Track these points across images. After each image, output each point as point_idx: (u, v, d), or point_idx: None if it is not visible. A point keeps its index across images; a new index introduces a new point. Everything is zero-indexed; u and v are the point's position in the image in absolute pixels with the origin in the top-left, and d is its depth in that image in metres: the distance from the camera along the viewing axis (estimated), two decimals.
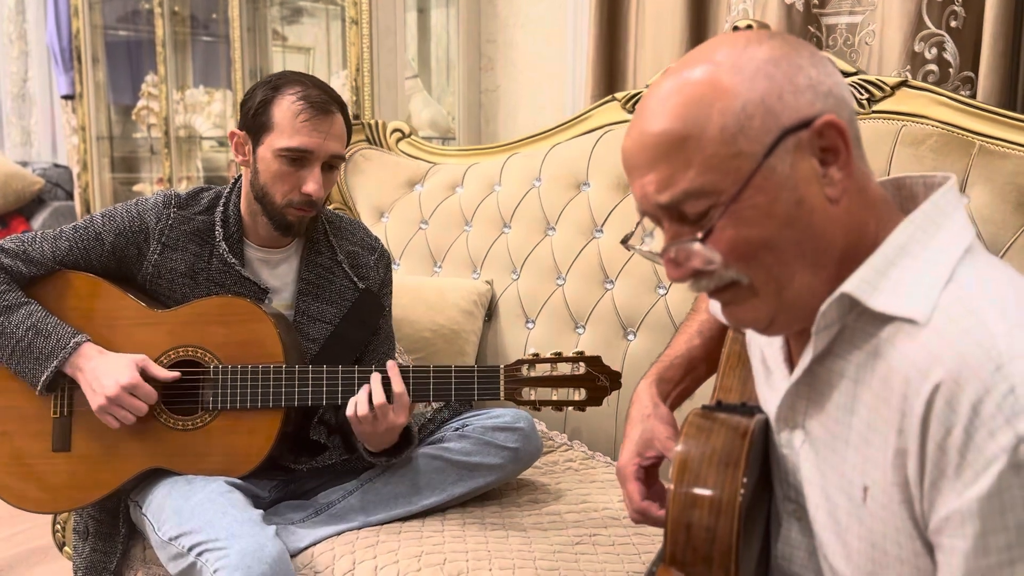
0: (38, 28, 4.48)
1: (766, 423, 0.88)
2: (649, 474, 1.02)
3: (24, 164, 4.35)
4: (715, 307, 0.90)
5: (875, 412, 0.74)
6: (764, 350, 0.90)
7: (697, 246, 0.75)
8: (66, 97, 4.08)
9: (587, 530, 1.43)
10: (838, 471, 0.79)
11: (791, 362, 0.86)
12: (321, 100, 1.44)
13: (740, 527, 0.77)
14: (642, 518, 1.00)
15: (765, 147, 0.73)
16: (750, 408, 0.88)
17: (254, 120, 1.47)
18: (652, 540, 1.40)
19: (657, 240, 0.83)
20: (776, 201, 0.74)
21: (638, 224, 0.84)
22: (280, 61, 3.36)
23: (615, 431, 1.78)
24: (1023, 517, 0.64)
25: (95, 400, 1.40)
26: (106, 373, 1.39)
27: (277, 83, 1.47)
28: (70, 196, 4.25)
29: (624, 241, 0.86)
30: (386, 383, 1.40)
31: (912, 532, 0.72)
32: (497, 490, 1.58)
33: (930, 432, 0.68)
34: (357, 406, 1.38)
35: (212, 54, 3.58)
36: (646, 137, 0.77)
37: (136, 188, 3.68)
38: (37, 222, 4.11)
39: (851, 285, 0.75)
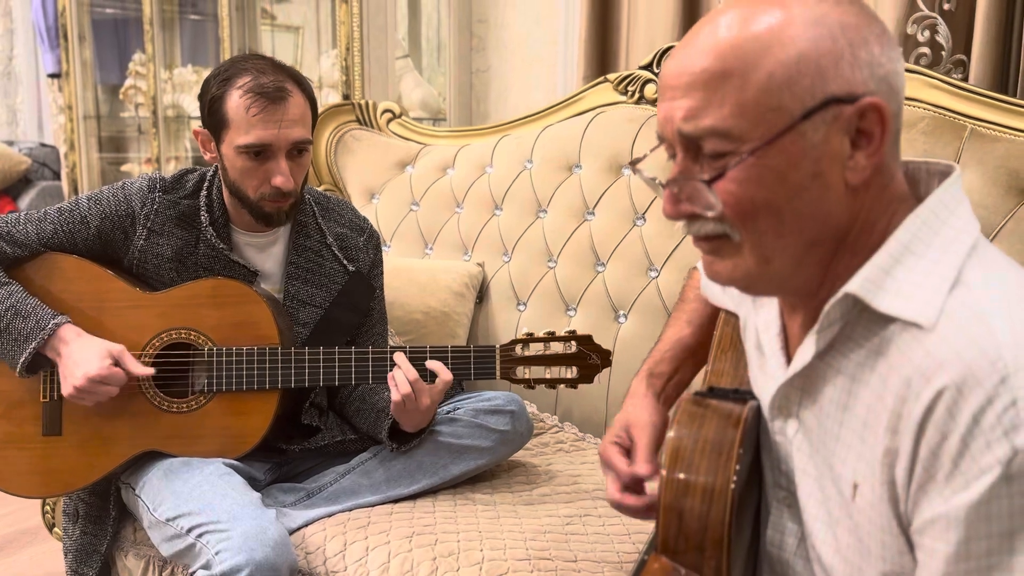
0: (23, 5, 4.42)
1: (758, 410, 0.87)
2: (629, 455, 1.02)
3: (10, 143, 4.31)
4: (706, 282, 0.89)
5: (871, 410, 0.74)
6: (760, 336, 0.89)
7: (702, 187, 0.73)
8: (52, 75, 4.04)
9: (578, 511, 1.44)
10: (829, 464, 0.79)
11: (787, 350, 0.86)
12: (272, 87, 1.39)
13: (732, 516, 0.77)
14: (617, 509, 0.99)
15: (805, 109, 0.71)
16: (743, 394, 0.87)
17: (211, 118, 1.44)
18: (641, 521, 1.41)
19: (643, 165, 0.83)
20: (794, 168, 0.72)
21: (654, 148, 0.82)
22: (269, 40, 3.33)
23: (605, 413, 1.78)
24: (1006, 527, 0.65)
25: (64, 388, 1.40)
26: (76, 363, 1.38)
27: (227, 74, 1.43)
28: (57, 176, 4.22)
29: (633, 163, 0.84)
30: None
31: (896, 531, 0.73)
32: (488, 471, 1.59)
33: (925, 436, 0.68)
34: (399, 386, 1.38)
35: (200, 33, 3.54)
36: (693, 60, 0.73)
37: (124, 168, 3.65)
38: (24, 202, 4.07)
39: (855, 285, 0.74)
